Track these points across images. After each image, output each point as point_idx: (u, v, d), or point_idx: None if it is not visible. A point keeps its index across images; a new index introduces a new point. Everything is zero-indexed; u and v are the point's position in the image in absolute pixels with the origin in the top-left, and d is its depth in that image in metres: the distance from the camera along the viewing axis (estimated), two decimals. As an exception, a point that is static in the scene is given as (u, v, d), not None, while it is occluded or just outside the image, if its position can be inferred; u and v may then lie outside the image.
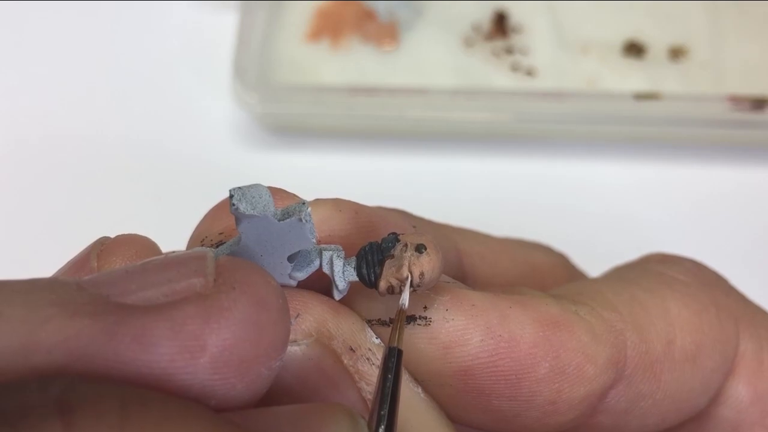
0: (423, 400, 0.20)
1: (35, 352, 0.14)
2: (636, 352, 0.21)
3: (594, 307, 0.21)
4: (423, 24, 0.48)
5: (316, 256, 0.19)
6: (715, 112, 0.43)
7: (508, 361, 0.19)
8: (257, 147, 0.47)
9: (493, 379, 0.19)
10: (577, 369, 0.20)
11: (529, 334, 0.20)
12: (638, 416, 0.22)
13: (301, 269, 0.19)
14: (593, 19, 0.48)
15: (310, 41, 0.47)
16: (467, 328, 0.19)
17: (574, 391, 0.20)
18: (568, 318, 0.20)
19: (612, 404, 0.22)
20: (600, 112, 0.44)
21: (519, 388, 0.20)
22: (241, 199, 0.18)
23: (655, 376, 0.22)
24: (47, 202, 0.45)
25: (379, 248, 0.19)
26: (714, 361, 0.23)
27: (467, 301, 0.20)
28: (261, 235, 0.18)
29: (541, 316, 0.20)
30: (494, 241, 0.27)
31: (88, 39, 0.51)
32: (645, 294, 0.23)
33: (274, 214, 0.18)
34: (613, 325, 0.21)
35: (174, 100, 0.48)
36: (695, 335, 0.22)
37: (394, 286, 0.18)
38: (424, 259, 0.18)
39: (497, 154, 0.46)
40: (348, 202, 0.21)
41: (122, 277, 0.16)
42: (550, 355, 0.20)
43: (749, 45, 0.46)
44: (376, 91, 0.44)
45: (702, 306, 0.23)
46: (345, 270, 0.19)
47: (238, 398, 0.16)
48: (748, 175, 0.45)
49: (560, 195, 0.45)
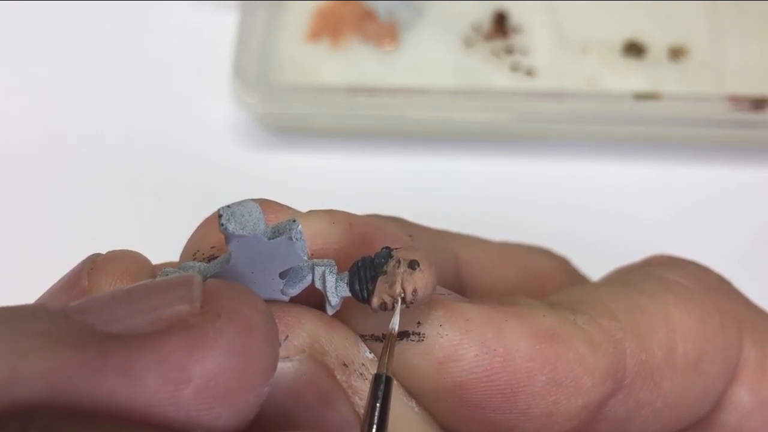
0: (417, 414, 0.19)
1: (17, 386, 0.14)
2: (636, 361, 0.21)
3: (593, 316, 0.21)
4: (423, 24, 0.48)
5: (309, 271, 0.19)
6: (715, 112, 0.43)
7: (504, 375, 0.19)
8: (257, 147, 0.47)
9: (489, 394, 0.19)
10: (575, 381, 0.20)
11: (525, 348, 0.19)
12: (638, 424, 0.22)
13: (293, 285, 0.19)
14: (593, 19, 0.48)
15: (310, 41, 0.47)
16: (462, 343, 0.19)
17: (571, 403, 0.20)
18: (565, 329, 0.20)
19: (611, 413, 0.21)
20: (600, 112, 0.44)
21: (515, 401, 0.19)
22: (230, 219, 0.17)
23: (655, 384, 0.21)
24: (47, 202, 0.45)
25: (372, 264, 0.19)
26: (716, 368, 0.23)
27: (462, 316, 0.19)
28: (251, 254, 0.18)
29: (537, 328, 0.20)
30: (493, 247, 0.27)
31: (88, 39, 0.51)
32: (646, 299, 0.22)
33: (264, 232, 0.18)
34: (613, 334, 0.21)
35: (174, 100, 0.48)
36: (697, 342, 0.22)
37: (387, 302, 0.18)
38: (417, 275, 0.18)
39: (497, 154, 0.46)
40: (342, 214, 0.21)
41: (108, 304, 0.16)
42: (547, 368, 0.19)
43: (749, 45, 0.46)
44: (376, 91, 0.44)
45: (705, 312, 0.23)
46: (338, 285, 0.19)
47: (225, 426, 0.15)
48: (748, 175, 0.45)
49: (560, 195, 0.45)
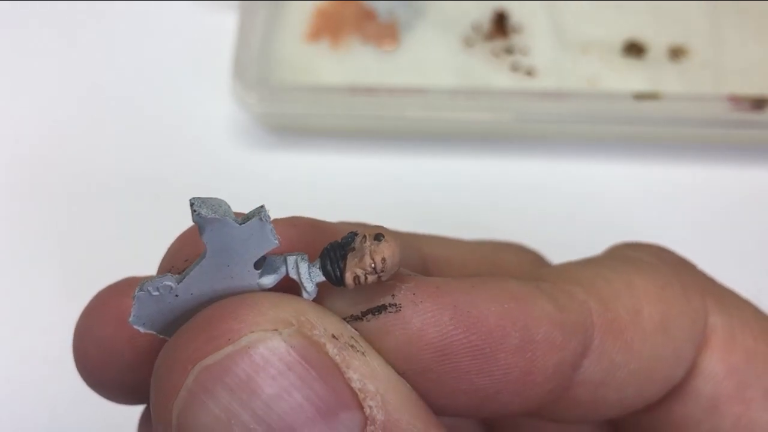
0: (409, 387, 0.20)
1: None
2: (602, 320, 0.22)
3: (555, 282, 0.22)
4: (423, 24, 0.48)
5: (282, 263, 0.20)
6: (715, 112, 0.43)
7: (481, 335, 0.20)
8: (257, 147, 0.47)
9: (470, 356, 0.20)
10: (546, 336, 0.21)
11: (495, 307, 0.20)
12: (615, 388, 0.23)
13: (268, 276, 0.20)
14: (593, 19, 0.48)
15: (310, 41, 0.47)
16: (436, 307, 0.20)
17: (546, 359, 0.21)
18: (529, 291, 0.21)
19: (587, 375, 0.22)
20: (600, 112, 0.44)
21: (495, 360, 0.20)
22: (201, 206, 0.18)
23: (626, 345, 0.22)
24: (46, 202, 0.45)
25: (339, 245, 0.20)
26: (683, 332, 0.23)
27: (432, 284, 0.20)
28: (225, 243, 0.19)
29: (502, 291, 0.21)
30: (461, 245, 0.28)
31: (88, 39, 0.51)
32: (608, 271, 0.23)
33: (234, 219, 0.19)
34: (576, 295, 0.22)
35: (174, 100, 0.48)
36: (661, 305, 0.23)
37: (360, 276, 0.19)
38: (384, 245, 0.19)
39: (497, 154, 0.46)
40: (304, 218, 0.22)
41: None
42: (518, 325, 0.20)
43: (749, 45, 0.47)
44: (376, 91, 0.44)
45: (666, 281, 0.23)
46: (311, 272, 0.20)
47: None
48: (748, 175, 0.45)
49: (560, 195, 0.45)
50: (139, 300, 0.19)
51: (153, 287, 0.19)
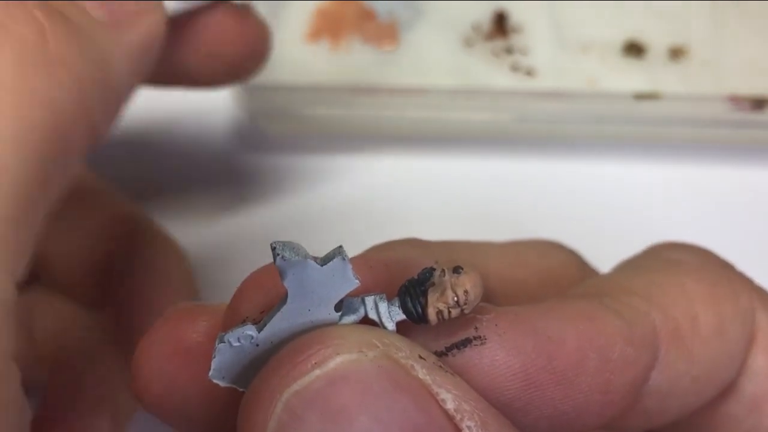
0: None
1: None
2: (666, 330, 0.22)
3: (616, 296, 0.22)
4: (423, 24, 0.48)
5: (360, 304, 0.19)
6: (715, 112, 0.43)
7: (562, 360, 0.20)
8: (257, 147, 0.47)
9: (554, 382, 0.20)
10: (621, 354, 0.21)
11: (572, 331, 0.20)
12: (679, 396, 0.23)
13: (348, 317, 0.19)
14: (593, 19, 0.48)
15: (310, 41, 0.47)
16: (518, 337, 0.20)
17: (623, 377, 0.21)
18: (597, 309, 0.21)
19: (654, 386, 0.22)
20: (600, 112, 0.44)
21: (578, 384, 0.20)
22: (284, 249, 0.18)
23: (688, 353, 0.22)
24: (47, 202, 0.45)
25: (418, 282, 0.19)
26: (737, 332, 0.23)
27: (510, 313, 0.20)
28: (306, 286, 0.18)
29: (575, 313, 0.21)
30: (504, 252, 0.27)
31: (88, 39, 0.51)
32: (659, 276, 0.23)
33: (315, 260, 0.18)
34: (638, 308, 0.22)
35: (173, 100, 0.48)
36: (715, 307, 0.23)
37: (443, 311, 0.19)
38: (464, 277, 0.19)
39: (497, 154, 0.46)
40: (375, 258, 0.21)
41: None
42: (595, 346, 0.20)
43: (749, 45, 0.46)
44: (376, 91, 0.44)
45: (715, 279, 0.23)
46: (390, 310, 0.19)
47: None
48: (748, 175, 0.45)
49: (560, 195, 0.45)
50: (220, 352, 0.19)
51: (234, 338, 0.19)
